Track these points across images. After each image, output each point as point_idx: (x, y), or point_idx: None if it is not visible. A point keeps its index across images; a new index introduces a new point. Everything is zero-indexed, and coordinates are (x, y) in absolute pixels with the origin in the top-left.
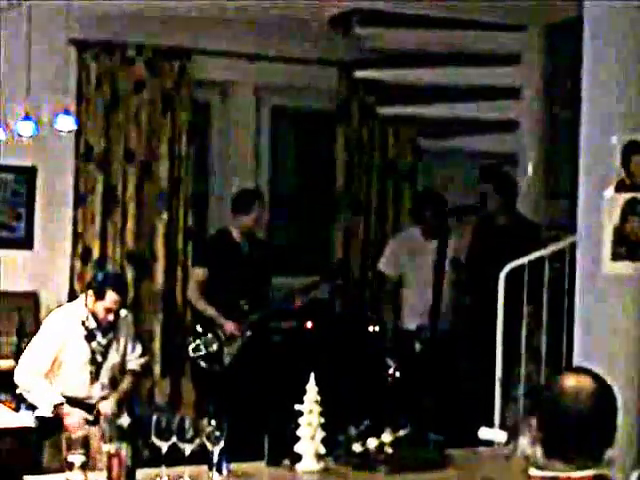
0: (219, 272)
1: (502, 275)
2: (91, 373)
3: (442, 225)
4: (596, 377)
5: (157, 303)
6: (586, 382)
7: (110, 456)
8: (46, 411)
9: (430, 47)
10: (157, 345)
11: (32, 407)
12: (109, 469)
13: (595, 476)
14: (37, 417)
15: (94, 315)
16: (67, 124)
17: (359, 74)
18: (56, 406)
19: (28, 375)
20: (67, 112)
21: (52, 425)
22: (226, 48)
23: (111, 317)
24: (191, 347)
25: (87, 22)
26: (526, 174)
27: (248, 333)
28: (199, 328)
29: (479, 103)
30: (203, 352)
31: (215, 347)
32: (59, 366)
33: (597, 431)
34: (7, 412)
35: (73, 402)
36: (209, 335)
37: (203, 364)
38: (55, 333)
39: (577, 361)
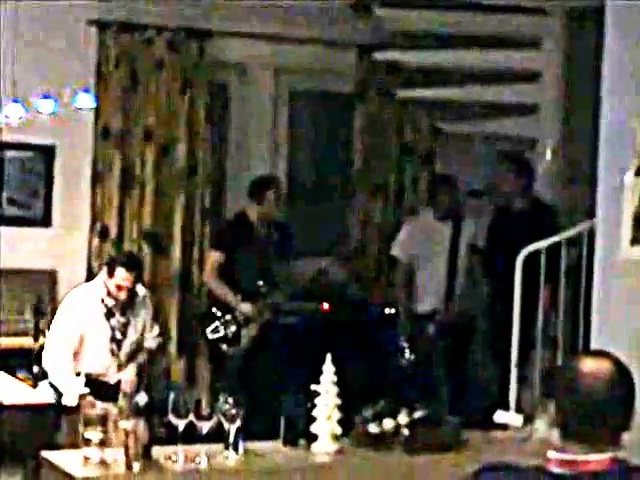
0: (236, 255)
1: (519, 259)
2: (111, 350)
3: (456, 208)
4: (614, 360)
5: (174, 283)
6: (604, 365)
7: (127, 433)
8: (72, 400)
9: (450, 30)
10: (173, 325)
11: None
12: (126, 446)
13: (612, 459)
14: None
15: (110, 293)
16: (87, 102)
17: (378, 56)
18: (80, 396)
19: (56, 361)
20: (87, 90)
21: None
22: (245, 29)
23: (123, 295)
24: (209, 329)
25: (107, 2)
26: (545, 158)
27: (267, 315)
28: (217, 310)
29: (499, 87)
30: (221, 334)
31: (233, 329)
32: (81, 343)
33: (614, 414)
34: (26, 388)
35: (91, 380)
36: (227, 317)
37: (221, 346)
38: (77, 312)
39: (594, 345)
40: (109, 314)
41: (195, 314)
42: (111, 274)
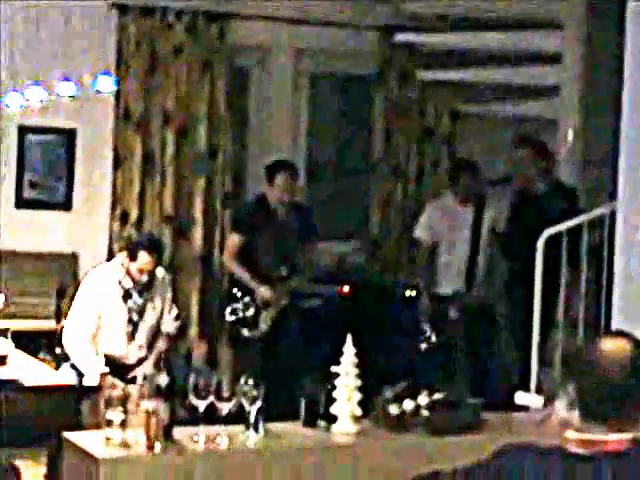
0: (256, 238)
1: (541, 241)
2: (128, 332)
3: (478, 191)
4: (634, 340)
5: (195, 266)
6: (624, 345)
7: (148, 414)
8: (93, 380)
9: (471, 12)
10: (194, 308)
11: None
12: (147, 427)
13: (632, 440)
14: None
15: (130, 275)
16: (107, 85)
17: (399, 38)
18: (101, 376)
19: (75, 341)
20: (107, 73)
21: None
22: (265, 13)
23: (145, 277)
24: (228, 311)
25: None
26: (566, 140)
27: (285, 301)
28: (236, 292)
29: (520, 68)
30: (240, 316)
31: (251, 312)
32: (99, 324)
33: (634, 395)
34: (48, 370)
35: (111, 361)
36: (246, 300)
37: (240, 329)
38: (94, 293)
39: (616, 326)
40: (126, 296)
41: (216, 296)
42: (133, 257)
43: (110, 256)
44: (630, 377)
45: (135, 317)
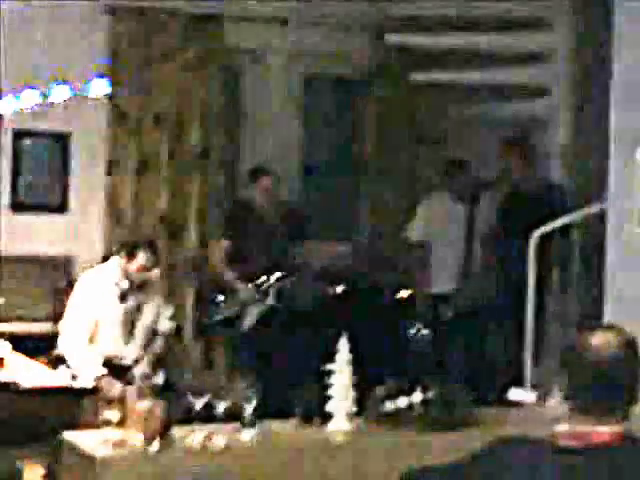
0: (243, 240)
1: (533, 240)
2: (126, 333)
3: (470, 191)
4: (622, 333)
5: (190, 267)
6: (611, 338)
7: (145, 413)
8: (88, 382)
9: (462, 12)
10: (189, 309)
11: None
12: (144, 426)
13: (620, 432)
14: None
15: (126, 276)
16: (101, 88)
17: (391, 40)
18: (97, 378)
19: (72, 343)
20: (101, 76)
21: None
22: (258, 14)
23: (142, 277)
24: (210, 312)
25: None
26: (557, 139)
27: (272, 300)
28: (220, 294)
29: (510, 69)
30: (221, 317)
31: (233, 312)
32: (96, 325)
33: (622, 387)
34: (45, 372)
35: (108, 362)
36: (227, 300)
37: (224, 329)
38: (90, 295)
39: (608, 321)
40: (123, 297)
41: (211, 297)
42: (132, 257)
43: (105, 259)
44: (616, 369)
45: (132, 317)
